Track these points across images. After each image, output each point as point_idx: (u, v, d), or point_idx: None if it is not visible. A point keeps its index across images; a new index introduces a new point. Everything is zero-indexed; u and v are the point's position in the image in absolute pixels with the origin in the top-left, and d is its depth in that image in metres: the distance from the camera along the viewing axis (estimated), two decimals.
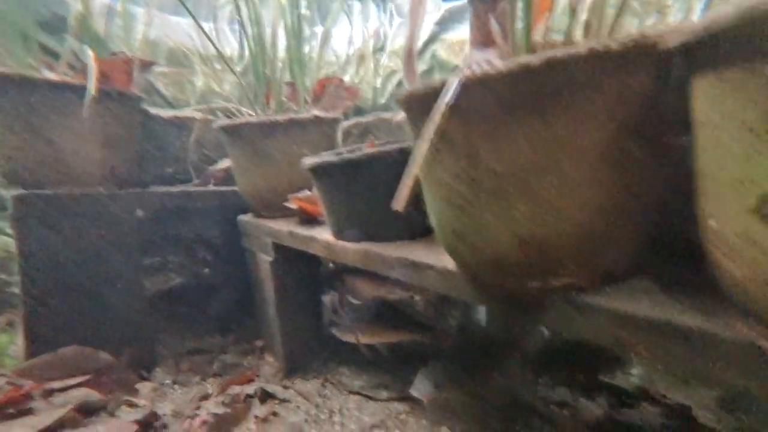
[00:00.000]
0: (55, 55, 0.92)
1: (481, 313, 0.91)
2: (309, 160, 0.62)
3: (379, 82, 1.42)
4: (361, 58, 1.43)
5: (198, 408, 0.76)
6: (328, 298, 1.27)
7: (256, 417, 0.74)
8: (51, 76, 0.83)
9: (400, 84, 1.41)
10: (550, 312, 0.37)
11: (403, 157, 0.53)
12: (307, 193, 0.78)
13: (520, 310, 0.39)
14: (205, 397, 0.81)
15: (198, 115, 1.02)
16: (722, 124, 0.22)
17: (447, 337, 0.88)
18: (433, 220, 0.43)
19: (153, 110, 1.02)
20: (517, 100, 0.30)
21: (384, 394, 0.86)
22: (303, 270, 0.93)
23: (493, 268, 0.37)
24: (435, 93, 0.31)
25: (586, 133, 0.30)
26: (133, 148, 0.90)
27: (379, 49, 1.47)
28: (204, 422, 0.68)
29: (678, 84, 0.31)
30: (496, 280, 0.38)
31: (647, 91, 0.31)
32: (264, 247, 0.92)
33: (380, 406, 0.83)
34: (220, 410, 0.73)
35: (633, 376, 0.84)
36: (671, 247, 0.40)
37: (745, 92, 0.20)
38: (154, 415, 0.69)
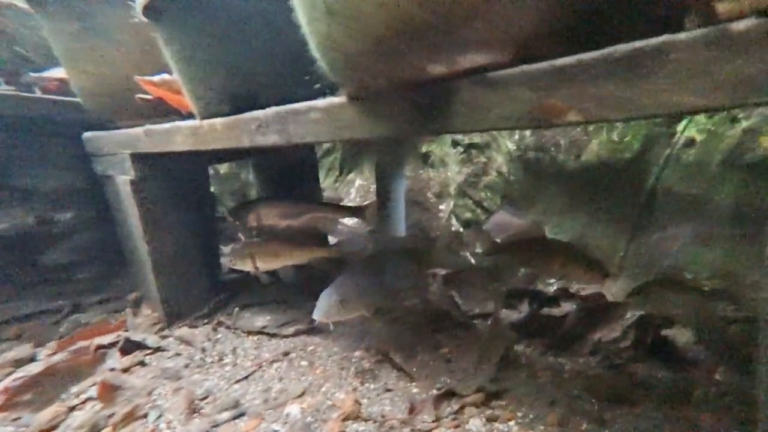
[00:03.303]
0: None
1: (397, 224, 0.83)
2: None
3: None
4: None
5: (10, 373, 0.54)
6: (228, 249, 1.09)
7: (113, 369, 0.57)
8: None
9: None
10: (458, 105, 0.27)
11: None
12: (165, 76, 0.59)
13: (423, 116, 0.29)
14: (29, 360, 0.59)
15: None
16: None
17: (359, 252, 0.79)
18: (306, 24, 0.31)
19: None
20: None
21: (291, 330, 0.74)
22: (177, 187, 0.73)
23: (380, 48, 0.27)
24: None
25: None
26: None
27: None
28: (6, 389, 0.48)
29: None
30: (388, 71, 0.28)
31: None
32: (120, 165, 0.70)
33: (285, 342, 0.71)
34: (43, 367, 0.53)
35: (552, 283, 0.85)
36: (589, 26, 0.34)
37: None
38: None
